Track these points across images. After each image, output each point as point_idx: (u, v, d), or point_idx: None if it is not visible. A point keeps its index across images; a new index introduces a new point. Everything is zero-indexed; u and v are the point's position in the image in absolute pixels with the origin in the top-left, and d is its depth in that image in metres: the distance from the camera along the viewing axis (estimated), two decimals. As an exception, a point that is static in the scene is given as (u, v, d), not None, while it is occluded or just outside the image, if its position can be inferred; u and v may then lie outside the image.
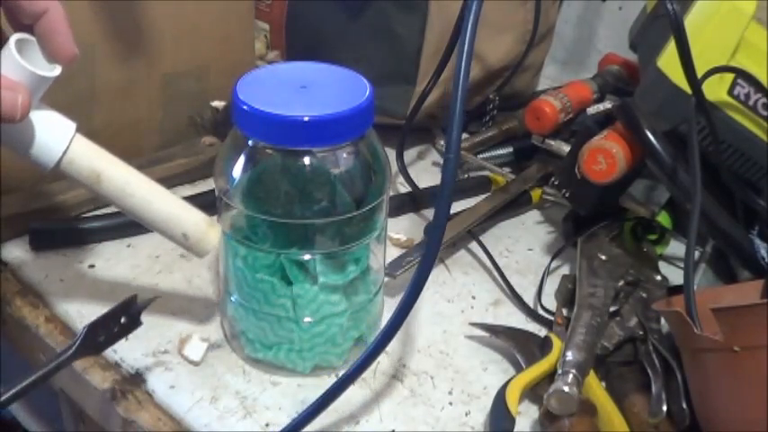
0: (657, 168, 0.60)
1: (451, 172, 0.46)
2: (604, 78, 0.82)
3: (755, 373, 0.45)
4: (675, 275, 0.65)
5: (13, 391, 0.45)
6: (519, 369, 0.56)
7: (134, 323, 0.51)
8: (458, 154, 0.46)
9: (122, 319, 0.50)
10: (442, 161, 0.82)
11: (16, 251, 0.63)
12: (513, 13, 0.84)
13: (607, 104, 0.70)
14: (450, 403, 0.54)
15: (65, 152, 0.49)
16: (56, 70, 0.48)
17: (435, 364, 0.57)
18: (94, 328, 0.48)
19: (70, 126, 0.49)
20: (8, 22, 0.47)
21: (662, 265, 0.67)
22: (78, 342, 0.47)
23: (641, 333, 0.57)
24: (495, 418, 0.52)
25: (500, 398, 0.52)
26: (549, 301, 0.64)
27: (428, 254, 0.46)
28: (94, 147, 0.51)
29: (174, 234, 0.52)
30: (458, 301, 0.64)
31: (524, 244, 0.72)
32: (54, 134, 0.48)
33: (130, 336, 0.56)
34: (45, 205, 0.65)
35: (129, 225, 0.66)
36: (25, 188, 0.65)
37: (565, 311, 0.62)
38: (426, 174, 0.81)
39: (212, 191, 0.54)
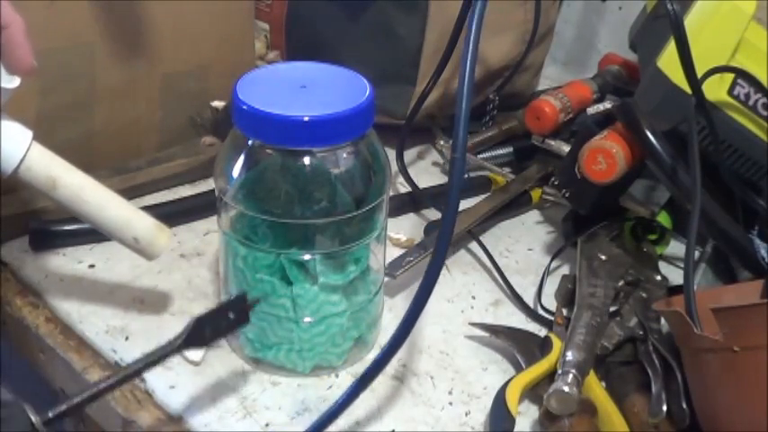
0: (657, 168, 0.60)
1: (459, 173, 0.45)
2: (604, 78, 0.82)
3: (755, 373, 0.45)
4: (675, 275, 0.65)
5: (114, 379, 0.45)
6: (519, 369, 0.56)
7: (243, 318, 0.50)
8: (464, 154, 0.46)
9: (230, 315, 0.49)
10: (441, 161, 0.82)
11: (16, 251, 0.63)
12: (513, 13, 0.84)
13: (607, 104, 0.70)
14: (450, 403, 0.54)
15: (22, 160, 0.51)
16: (15, 81, 0.50)
17: (435, 364, 0.57)
18: (202, 321, 0.48)
19: (27, 134, 0.51)
20: None
21: (662, 265, 0.67)
22: (186, 334, 0.47)
23: (641, 333, 0.57)
24: (495, 418, 0.52)
25: (500, 398, 0.52)
26: (549, 301, 0.64)
27: (438, 251, 0.46)
28: (51, 154, 0.53)
29: (126, 238, 0.54)
30: (458, 301, 0.64)
31: (524, 244, 0.72)
32: (12, 142, 0.51)
33: (130, 336, 0.57)
34: (45, 205, 0.65)
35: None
36: (25, 188, 0.65)
37: (565, 311, 0.62)
38: (426, 174, 0.81)
39: (212, 191, 0.54)
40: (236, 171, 0.51)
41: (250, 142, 0.50)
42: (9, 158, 0.51)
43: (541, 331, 0.61)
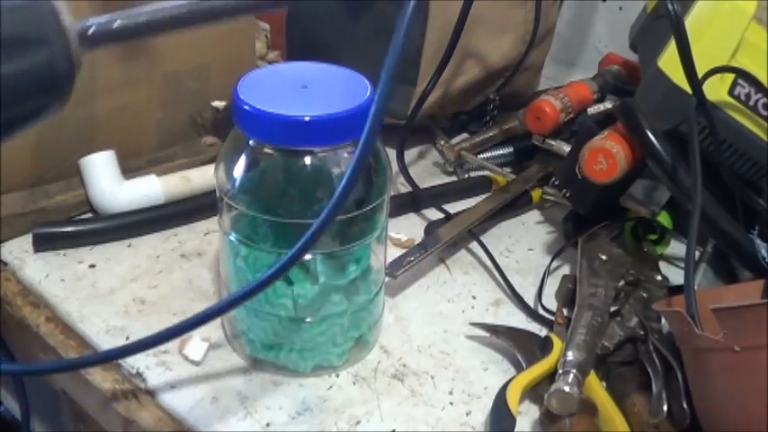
0: (658, 168, 0.60)
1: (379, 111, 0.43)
2: (605, 78, 0.82)
3: (755, 373, 0.45)
4: (676, 275, 0.65)
5: None
6: (519, 369, 0.56)
7: None
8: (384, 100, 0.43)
9: None
10: (442, 161, 0.82)
11: (16, 251, 0.63)
12: (514, 14, 0.84)
13: (607, 104, 0.70)
14: (451, 403, 0.54)
15: None
16: None
17: (436, 364, 0.57)
18: None
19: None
20: None
21: (662, 265, 0.67)
22: None
23: (642, 333, 0.57)
24: (495, 418, 0.52)
25: (500, 398, 0.52)
26: (550, 301, 0.64)
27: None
28: None
29: None
30: (458, 300, 0.64)
31: (525, 244, 0.72)
32: None
33: (130, 336, 0.57)
34: (45, 205, 0.65)
35: (128, 225, 0.67)
36: (25, 188, 0.65)
37: (565, 311, 0.62)
38: (427, 174, 0.81)
39: (213, 191, 0.54)
40: (237, 171, 0.51)
41: (251, 142, 0.50)
42: None
43: (542, 331, 0.61)
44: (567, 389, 0.51)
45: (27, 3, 0.31)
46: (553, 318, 0.61)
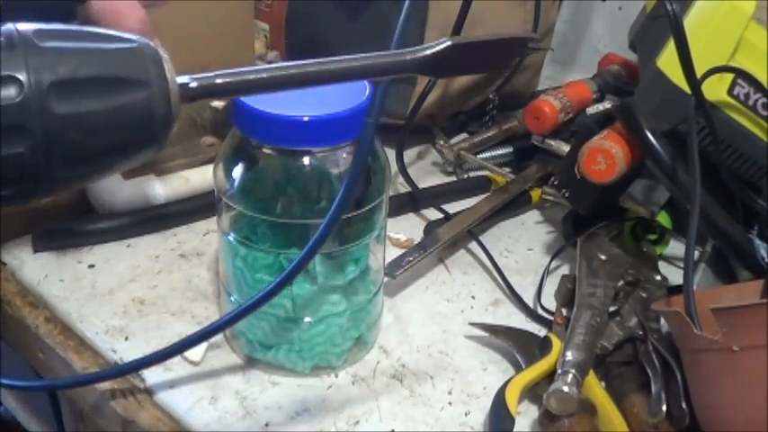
0: (657, 168, 0.60)
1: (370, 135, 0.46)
2: (604, 78, 0.82)
3: (755, 373, 0.45)
4: (675, 275, 0.65)
5: None
6: (518, 369, 0.56)
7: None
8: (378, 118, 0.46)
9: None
10: (441, 161, 0.82)
11: (16, 251, 0.63)
12: (513, 13, 0.84)
13: (607, 104, 0.70)
14: (450, 403, 0.54)
15: None
16: None
17: (435, 364, 0.57)
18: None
19: None
20: None
21: (662, 265, 0.67)
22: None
23: (641, 333, 0.57)
24: (494, 418, 0.52)
25: (500, 398, 0.52)
26: (549, 301, 0.64)
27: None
28: None
29: None
30: (457, 300, 0.64)
31: (524, 244, 0.72)
32: None
33: (130, 336, 0.57)
34: (45, 205, 0.65)
35: (128, 225, 0.67)
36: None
37: (564, 311, 0.62)
38: (426, 174, 0.81)
39: (212, 191, 0.54)
40: (236, 171, 0.51)
41: (250, 142, 0.50)
42: None
43: (541, 331, 0.61)
44: (566, 389, 0.51)
45: (132, 47, 0.33)
46: (552, 318, 0.61)
